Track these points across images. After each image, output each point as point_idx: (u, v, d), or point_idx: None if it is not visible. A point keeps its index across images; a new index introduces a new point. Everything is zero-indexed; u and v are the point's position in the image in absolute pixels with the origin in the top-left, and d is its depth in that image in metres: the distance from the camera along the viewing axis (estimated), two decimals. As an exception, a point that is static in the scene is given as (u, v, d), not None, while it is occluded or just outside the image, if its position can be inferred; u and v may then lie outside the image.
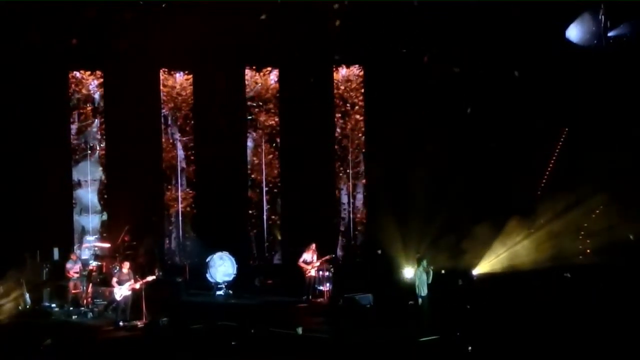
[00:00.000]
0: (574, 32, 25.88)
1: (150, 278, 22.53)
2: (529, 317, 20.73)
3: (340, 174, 29.57)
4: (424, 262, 20.99)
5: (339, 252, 29.15)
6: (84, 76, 28.15)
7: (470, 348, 18.21)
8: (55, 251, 26.04)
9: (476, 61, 26.45)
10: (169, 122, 28.86)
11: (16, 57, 26.49)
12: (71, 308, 23.66)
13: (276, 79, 29.08)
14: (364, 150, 29.50)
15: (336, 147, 29.36)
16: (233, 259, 26.50)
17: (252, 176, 29.17)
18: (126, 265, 22.53)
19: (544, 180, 27.01)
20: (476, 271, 25.49)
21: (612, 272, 23.88)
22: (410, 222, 26.34)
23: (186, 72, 28.71)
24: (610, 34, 25.28)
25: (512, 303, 22.20)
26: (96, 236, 27.87)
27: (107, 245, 26.77)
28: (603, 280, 23.36)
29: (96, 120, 28.32)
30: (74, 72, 28.03)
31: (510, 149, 26.39)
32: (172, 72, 28.67)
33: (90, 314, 23.47)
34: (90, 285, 24.18)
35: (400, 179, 27.28)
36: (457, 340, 19.01)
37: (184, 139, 28.88)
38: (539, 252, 25.10)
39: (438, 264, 24.95)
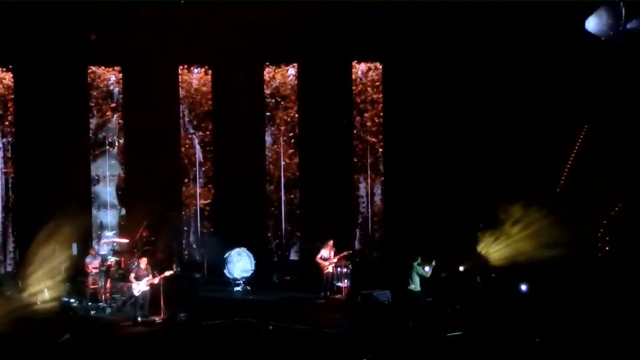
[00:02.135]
0: (593, 24, 25.62)
1: (168, 273, 22.55)
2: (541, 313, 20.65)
3: (359, 170, 29.45)
4: (418, 259, 21.05)
5: (357, 246, 29.02)
6: (103, 72, 28.23)
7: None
8: (74, 246, 26.12)
9: (496, 58, 26.31)
10: (187, 118, 28.88)
11: (35, 52, 26.61)
12: (89, 303, 23.68)
13: (295, 74, 29.05)
14: (382, 145, 29.37)
15: (355, 142, 29.26)
16: (251, 255, 26.51)
17: (271, 171, 29.18)
18: (144, 261, 22.56)
19: (563, 177, 26.82)
20: (494, 267, 25.33)
21: (618, 272, 23.65)
22: (428, 218, 26.27)
23: (205, 67, 28.71)
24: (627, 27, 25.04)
25: (526, 300, 22.12)
26: (114, 232, 27.97)
27: (126, 240, 26.87)
28: (606, 280, 23.12)
29: (115, 116, 28.40)
30: (93, 68, 28.11)
31: (531, 144, 26.21)
32: (191, 68, 28.69)
33: (108, 309, 23.50)
34: (109, 280, 24.24)
35: (418, 174, 27.18)
36: (468, 338, 18.96)
37: (202, 135, 28.89)
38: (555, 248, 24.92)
39: (457, 261, 24.96)
